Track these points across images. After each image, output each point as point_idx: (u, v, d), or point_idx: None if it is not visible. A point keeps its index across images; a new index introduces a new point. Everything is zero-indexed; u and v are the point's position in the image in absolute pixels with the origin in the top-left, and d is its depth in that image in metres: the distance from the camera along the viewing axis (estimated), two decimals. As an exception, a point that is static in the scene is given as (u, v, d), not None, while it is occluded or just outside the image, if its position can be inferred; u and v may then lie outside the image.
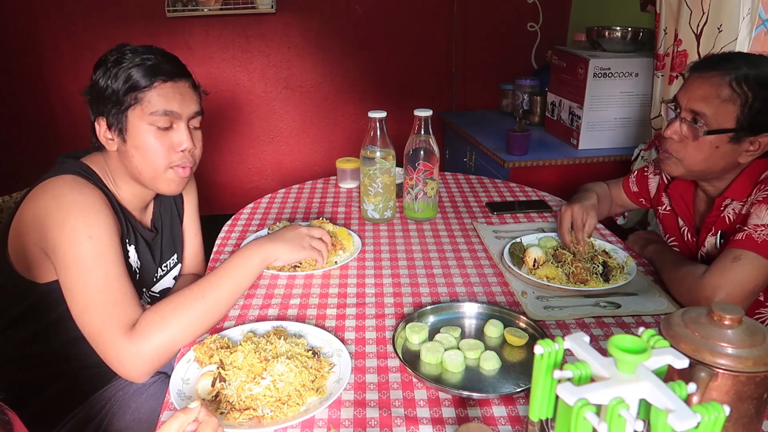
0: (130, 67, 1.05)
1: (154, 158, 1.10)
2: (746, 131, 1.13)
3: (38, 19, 2.90)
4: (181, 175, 1.14)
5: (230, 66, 3.13)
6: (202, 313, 1.02)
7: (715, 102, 1.14)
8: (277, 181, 3.39)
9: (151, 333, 0.97)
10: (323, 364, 0.94)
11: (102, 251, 1.00)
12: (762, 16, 1.84)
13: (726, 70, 1.13)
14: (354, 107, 3.30)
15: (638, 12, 2.49)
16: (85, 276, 0.98)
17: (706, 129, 1.15)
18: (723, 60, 1.17)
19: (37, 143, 3.11)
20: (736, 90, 1.12)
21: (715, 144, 1.16)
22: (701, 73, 1.17)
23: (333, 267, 1.29)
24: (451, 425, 0.84)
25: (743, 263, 1.07)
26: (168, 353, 0.99)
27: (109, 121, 1.08)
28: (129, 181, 1.16)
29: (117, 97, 1.06)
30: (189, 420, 0.69)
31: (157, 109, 1.07)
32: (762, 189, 1.14)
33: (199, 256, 1.46)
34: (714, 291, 1.08)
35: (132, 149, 1.09)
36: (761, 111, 1.11)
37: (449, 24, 3.15)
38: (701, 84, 1.16)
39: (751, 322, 0.67)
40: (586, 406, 0.49)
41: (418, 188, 1.50)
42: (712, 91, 1.14)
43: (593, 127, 2.38)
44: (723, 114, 1.13)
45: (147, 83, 1.06)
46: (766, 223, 1.09)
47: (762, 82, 1.11)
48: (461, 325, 1.09)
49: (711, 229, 1.25)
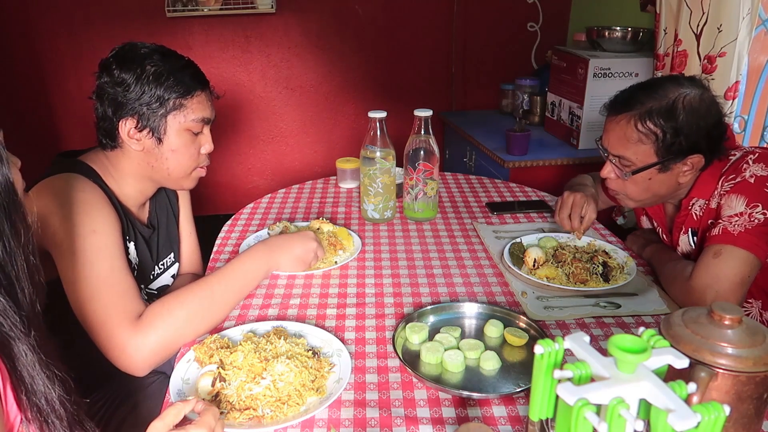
0: (174, 74, 1.10)
1: (187, 161, 1.18)
2: (670, 160, 1.16)
3: (38, 20, 2.90)
4: (201, 174, 1.24)
5: (230, 66, 3.12)
6: (209, 308, 1.04)
7: (629, 145, 1.17)
8: (277, 181, 3.39)
9: (157, 324, 0.97)
10: (323, 364, 0.94)
11: (106, 245, 1.02)
12: (762, 16, 1.84)
13: (630, 111, 1.16)
14: (354, 107, 3.30)
15: (638, 12, 2.49)
16: (89, 268, 0.99)
17: (631, 169, 1.19)
18: (626, 100, 1.19)
19: (36, 143, 3.10)
20: (642, 130, 1.15)
21: (647, 177, 1.19)
22: (611, 117, 1.21)
23: (333, 267, 1.29)
24: (451, 425, 0.84)
25: (725, 258, 1.08)
26: (172, 347, 1.00)
27: (142, 123, 1.10)
28: (137, 178, 1.18)
29: (158, 102, 1.10)
30: (187, 409, 0.72)
31: (196, 116, 1.15)
32: (727, 180, 1.15)
33: (195, 254, 1.47)
34: (704, 290, 1.08)
35: (168, 152, 1.15)
36: (675, 141, 1.13)
37: (449, 24, 3.15)
38: (613, 129, 1.20)
39: (751, 322, 0.67)
40: (587, 405, 0.49)
41: (418, 188, 1.50)
42: (623, 134, 1.18)
43: (593, 127, 2.38)
44: (641, 153, 1.17)
45: (192, 91, 1.13)
46: (739, 211, 1.10)
47: (666, 115, 1.13)
48: (461, 325, 1.09)
49: (681, 228, 1.27)
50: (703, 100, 1.13)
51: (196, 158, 1.19)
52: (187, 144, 1.16)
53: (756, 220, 1.08)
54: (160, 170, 1.17)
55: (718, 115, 1.15)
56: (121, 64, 1.09)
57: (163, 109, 1.11)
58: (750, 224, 1.08)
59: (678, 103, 1.12)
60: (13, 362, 0.61)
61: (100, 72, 1.11)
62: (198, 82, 1.15)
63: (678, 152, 1.15)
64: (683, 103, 1.12)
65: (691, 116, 1.12)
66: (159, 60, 1.10)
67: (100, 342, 0.97)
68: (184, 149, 1.16)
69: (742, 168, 1.14)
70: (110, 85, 1.09)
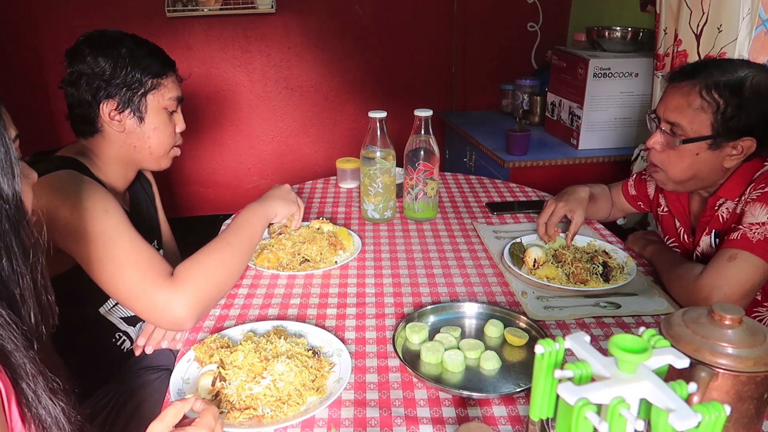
0: (148, 56, 1.16)
1: (166, 139, 1.23)
2: (723, 137, 1.14)
3: (38, 20, 2.90)
4: (177, 153, 1.30)
5: (230, 66, 3.12)
6: (231, 256, 1.12)
7: (688, 111, 1.15)
8: (277, 181, 3.38)
9: (193, 276, 1.03)
10: (323, 363, 0.94)
11: (120, 222, 1.05)
12: (762, 16, 1.84)
13: (696, 79, 1.15)
14: (354, 107, 3.30)
15: (638, 12, 2.49)
16: (112, 245, 1.01)
17: (682, 138, 1.17)
18: (694, 69, 1.17)
19: (36, 142, 3.10)
20: (707, 98, 1.13)
21: (695, 152, 1.17)
22: (674, 84, 1.19)
23: (333, 267, 1.29)
24: (451, 425, 0.84)
25: (739, 262, 1.08)
26: (211, 297, 1.06)
27: (122, 104, 1.15)
28: (119, 162, 1.22)
29: (138, 82, 1.15)
30: (186, 408, 0.72)
31: (172, 95, 1.21)
32: (755, 188, 1.14)
33: (172, 240, 1.53)
34: (711, 291, 1.08)
35: (150, 130, 1.20)
36: (735, 116, 1.12)
37: (449, 24, 3.15)
38: (674, 95, 1.18)
39: (751, 322, 0.67)
40: (587, 405, 0.49)
41: (418, 188, 1.50)
42: (684, 101, 1.16)
43: (593, 127, 2.38)
44: (697, 122, 1.15)
45: (166, 72, 1.19)
46: (761, 221, 1.09)
47: (733, 88, 1.11)
48: (461, 325, 1.09)
49: (705, 228, 1.26)
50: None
51: (173, 136, 1.25)
52: (165, 122, 1.21)
53: None
54: (143, 149, 1.21)
55: None
56: (96, 49, 1.13)
57: (142, 89, 1.16)
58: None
59: (747, 80, 1.11)
60: (15, 375, 0.60)
61: (71, 60, 1.16)
62: (169, 64, 1.21)
63: (733, 130, 1.13)
64: (752, 81, 1.11)
65: (756, 96, 1.10)
66: (132, 44, 1.16)
67: (141, 308, 1.01)
68: (164, 127, 1.21)
69: None
70: (87, 68, 1.13)
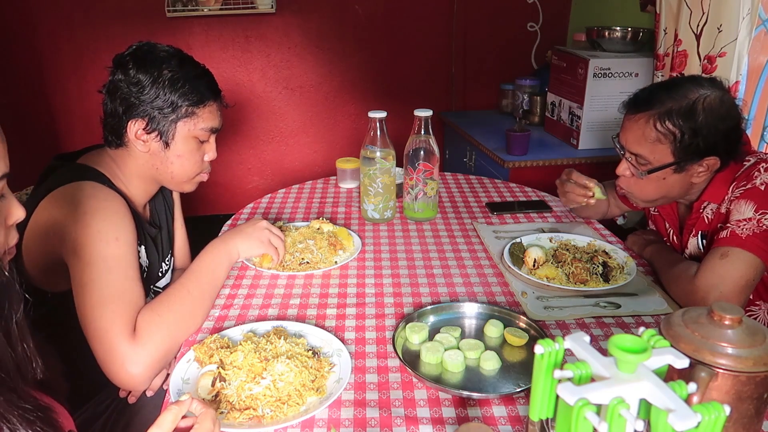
0: (190, 81, 1.11)
1: (191, 167, 1.19)
2: (686, 161, 1.16)
3: (38, 20, 2.89)
4: (203, 179, 1.25)
5: (230, 66, 3.12)
6: (191, 306, 1.06)
7: (647, 144, 1.17)
8: (277, 181, 3.39)
9: (153, 331, 0.98)
10: (323, 363, 0.94)
11: (125, 254, 1.03)
12: (762, 16, 1.84)
13: (651, 110, 1.16)
14: (354, 107, 3.30)
15: (638, 12, 2.49)
16: (105, 274, 0.99)
17: (648, 168, 1.19)
18: (646, 100, 1.18)
19: (36, 142, 3.10)
20: (662, 130, 1.15)
21: (661, 177, 1.19)
22: (630, 116, 1.21)
23: (333, 267, 1.29)
24: (451, 425, 0.84)
25: (731, 260, 1.08)
26: (171, 352, 1.01)
27: (151, 126, 1.11)
28: (141, 178, 1.19)
29: (171, 107, 1.10)
30: (182, 412, 0.70)
31: (206, 125, 1.16)
32: (738, 186, 1.16)
33: (186, 247, 1.49)
34: (708, 291, 1.08)
35: (173, 156, 1.15)
36: (693, 142, 1.13)
37: (449, 24, 3.15)
38: (632, 127, 1.20)
39: (751, 322, 0.67)
40: (587, 405, 0.49)
41: (418, 188, 1.50)
42: (641, 134, 1.18)
43: (593, 127, 2.38)
44: (658, 152, 1.17)
45: (204, 101, 1.14)
46: (747, 216, 1.10)
47: (685, 115, 1.12)
48: (461, 325, 1.09)
49: (692, 230, 1.27)
50: (723, 102, 1.13)
51: (199, 165, 1.20)
52: (192, 151, 1.17)
53: (764, 225, 1.08)
54: (164, 173, 1.18)
55: (737, 117, 1.15)
56: (139, 64, 1.08)
57: (174, 114, 1.11)
58: (758, 229, 1.08)
59: (698, 104, 1.12)
60: None
61: (115, 68, 1.10)
62: (212, 92, 1.15)
63: (695, 153, 1.14)
64: (703, 104, 1.12)
65: (710, 118, 1.12)
66: (177, 65, 1.10)
67: (101, 350, 0.97)
68: (189, 155, 1.17)
69: (754, 175, 1.14)
70: (125, 83, 1.08)
